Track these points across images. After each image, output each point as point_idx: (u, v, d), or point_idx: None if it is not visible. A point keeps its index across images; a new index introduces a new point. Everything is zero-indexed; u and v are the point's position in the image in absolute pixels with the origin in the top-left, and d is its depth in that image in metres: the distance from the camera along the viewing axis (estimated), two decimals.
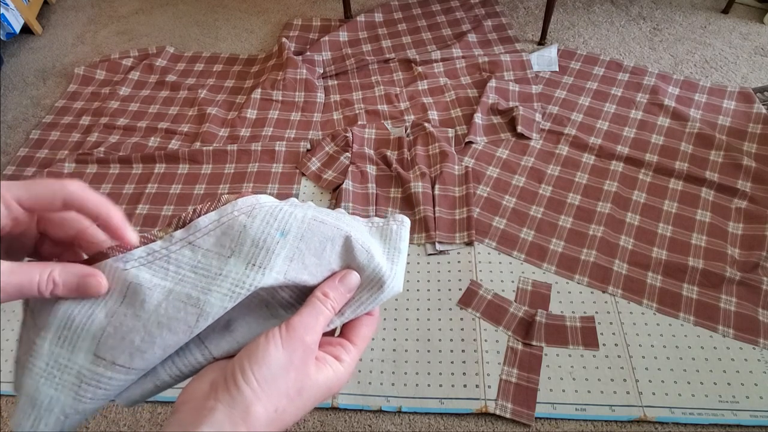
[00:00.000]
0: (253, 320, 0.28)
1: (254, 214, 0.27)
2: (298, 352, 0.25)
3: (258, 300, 0.28)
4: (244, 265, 0.26)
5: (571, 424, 0.80)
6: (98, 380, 0.25)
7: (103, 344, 0.25)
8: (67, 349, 0.25)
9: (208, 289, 0.25)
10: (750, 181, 1.08)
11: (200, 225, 0.27)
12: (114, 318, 0.25)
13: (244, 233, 0.27)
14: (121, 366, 0.25)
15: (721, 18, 1.54)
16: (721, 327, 0.89)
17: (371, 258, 0.29)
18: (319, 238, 0.28)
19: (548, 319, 0.91)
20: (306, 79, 1.39)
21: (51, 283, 0.24)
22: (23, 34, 1.70)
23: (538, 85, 1.34)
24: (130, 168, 1.23)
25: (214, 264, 0.26)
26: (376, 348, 0.89)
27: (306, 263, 0.28)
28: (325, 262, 0.29)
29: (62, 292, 0.24)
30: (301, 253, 0.28)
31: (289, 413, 0.25)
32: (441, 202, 1.08)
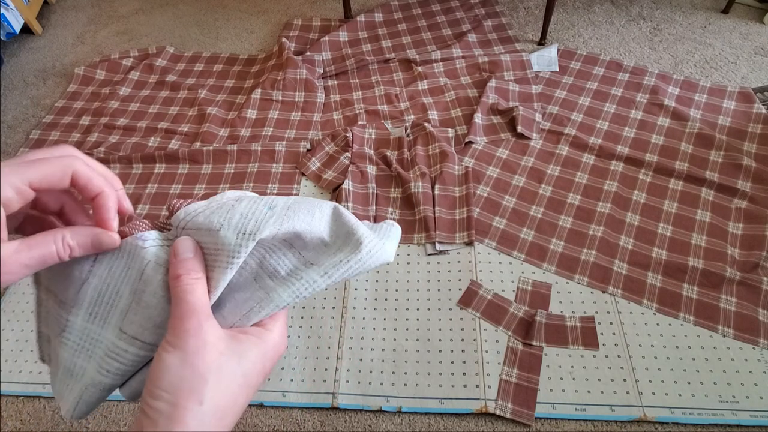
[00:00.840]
0: (240, 294, 0.28)
1: (241, 198, 0.29)
2: (190, 340, 0.24)
3: (248, 274, 0.28)
4: (235, 235, 0.26)
5: (571, 424, 0.80)
6: (118, 353, 0.26)
7: (128, 320, 0.26)
8: (98, 325, 0.27)
9: (212, 266, 0.27)
10: (750, 181, 1.08)
11: (190, 209, 0.28)
12: (136, 294, 0.26)
13: (232, 210, 0.27)
14: (141, 341, 0.26)
15: (721, 18, 1.54)
16: (721, 327, 0.89)
17: (358, 224, 0.29)
18: (307, 206, 0.29)
19: (548, 319, 0.91)
20: (306, 79, 1.39)
21: (67, 247, 0.25)
22: (23, 34, 1.70)
23: (538, 85, 1.34)
24: (130, 168, 1.23)
25: (208, 240, 0.27)
26: (376, 348, 0.89)
27: (298, 221, 0.28)
28: (317, 223, 0.29)
29: (79, 252, 0.26)
30: (290, 218, 0.28)
31: (223, 396, 0.24)
32: (441, 202, 1.08)
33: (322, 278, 0.28)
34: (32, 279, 0.28)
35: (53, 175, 0.25)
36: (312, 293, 0.28)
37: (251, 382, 0.26)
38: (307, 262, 0.29)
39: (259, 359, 0.26)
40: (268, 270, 0.28)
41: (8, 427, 0.84)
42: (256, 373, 0.26)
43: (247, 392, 0.26)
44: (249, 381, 0.26)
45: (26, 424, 0.85)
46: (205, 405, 0.23)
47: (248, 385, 0.26)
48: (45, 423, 0.85)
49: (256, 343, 0.26)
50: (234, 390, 0.25)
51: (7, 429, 0.84)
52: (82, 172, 0.25)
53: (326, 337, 0.91)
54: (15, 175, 0.23)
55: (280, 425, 0.83)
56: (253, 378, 0.26)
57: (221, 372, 0.24)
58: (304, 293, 0.28)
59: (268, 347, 0.27)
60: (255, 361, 0.26)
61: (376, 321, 0.93)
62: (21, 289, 1.01)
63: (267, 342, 0.27)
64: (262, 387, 0.84)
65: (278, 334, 0.28)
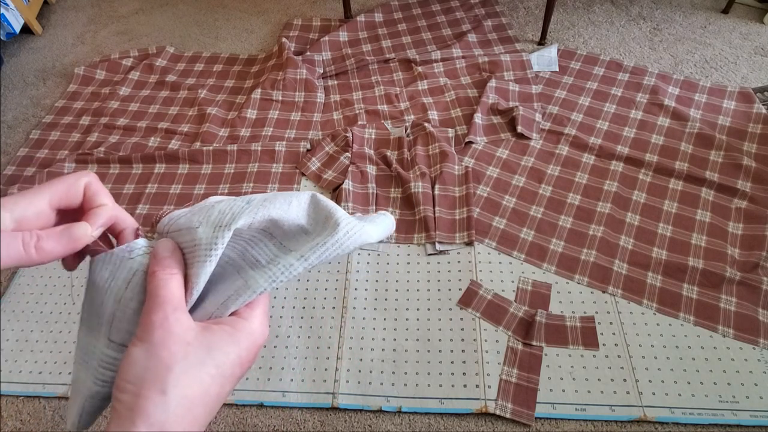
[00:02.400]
0: (221, 286, 0.28)
1: (222, 200, 0.29)
2: (156, 332, 0.24)
3: (231, 267, 0.29)
4: (212, 229, 0.27)
5: (571, 424, 0.80)
6: (108, 362, 0.26)
7: (114, 328, 0.26)
8: (94, 337, 0.27)
9: (192, 263, 0.27)
10: (750, 181, 1.08)
11: (173, 215, 0.29)
12: (121, 303, 0.27)
13: (211, 209, 0.28)
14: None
15: (721, 18, 1.54)
16: (721, 327, 0.89)
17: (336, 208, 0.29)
18: (284, 196, 0.29)
19: (548, 319, 0.91)
20: (306, 79, 1.39)
21: (35, 237, 0.25)
22: (23, 34, 1.70)
23: (538, 85, 1.34)
24: (130, 168, 1.23)
25: (187, 239, 0.27)
26: (376, 348, 0.89)
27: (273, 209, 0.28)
28: (294, 210, 0.29)
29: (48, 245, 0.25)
30: (266, 207, 0.28)
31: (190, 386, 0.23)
32: (441, 202, 1.08)
33: (299, 261, 0.27)
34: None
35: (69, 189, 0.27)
36: (289, 278, 0.27)
37: (225, 372, 0.25)
38: (286, 249, 0.29)
39: (233, 348, 0.25)
40: (249, 261, 0.29)
41: (8, 427, 0.84)
42: (231, 363, 0.25)
43: (221, 382, 0.25)
44: (222, 371, 0.25)
45: (26, 424, 0.85)
46: (169, 395, 0.22)
47: (222, 375, 0.25)
48: (45, 423, 0.85)
49: (229, 332, 0.26)
50: (204, 380, 0.24)
51: (7, 429, 0.84)
52: (95, 184, 0.28)
53: (326, 337, 0.91)
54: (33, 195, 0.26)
55: (280, 425, 0.83)
56: (227, 368, 0.25)
57: (188, 361, 0.24)
58: (280, 277, 0.27)
59: (242, 336, 0.26)
60: (228, 351, 0.25)
61: (376, 321, 0.93)
62: (21, 289, 1.01)
63: (241, 331, 0.26)
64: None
65: (257, 323, 0.27)
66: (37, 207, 0.25)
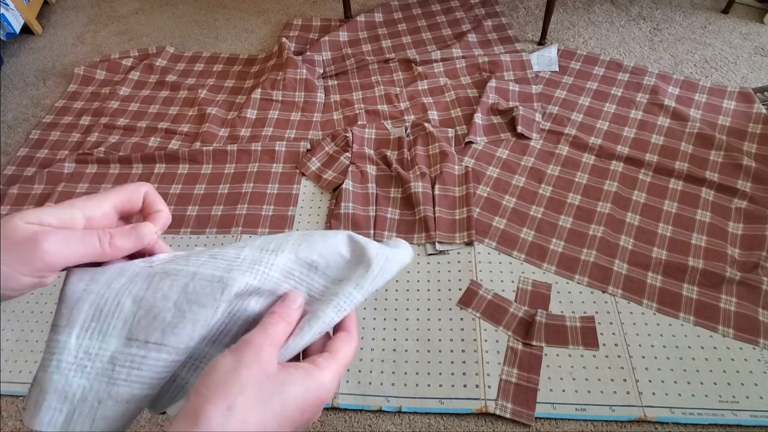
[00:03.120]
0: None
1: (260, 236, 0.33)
2: (248, 352, 0.25)
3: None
4: (259, 251, 0.30)
5: (571, 424, 0.80)
6: (132, 360, 0.26)
7: (136, 326, 0.27)
8: (97, 339, 0.27)
9: (230, 268, 0.28)
10: (750, 181, 1.08)
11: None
12: (143, 302, 0.27)
13: (253, 239, 0.31)
14: (154, 343, 0.27)
15: (721, 18, 1.54)
16: (721, 327, 0.89)
17: (369, 241, 0.33)
18: (320, 234, 0.32)
19: (548, 319, 0.91)
20: (306, 79, 1.39)
21: (108, 234, 0.27)
22: (23, 34, 1.70)
23: (538, 85, 1.34)
24: (130, 168, 1.23)
25: (231, 252, 0.30)
26: (376, 348, 0.89)
27: (314, 245, 0.31)
28: (332, 243, 0.32)
29: (118, 240, 0.27)
30: (308, 241, 0.31)
31: (253, 414, 0.24)
32: (441, 202, 1.08)
33: (356, 290, 0.30)
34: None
35: (131, 194, 0.30)
36: (352, 306, 0.30)
37: (287, 413, 0.25)
38: (335, 279, 0.31)
39: (301, 394, 0.26)
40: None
41: (8, 427, 0.84)
42: (294, 406, 0.25)
43: (280, 423, 0.25)
44: (285, 412, 0.25)
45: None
46: (233, 413, 0.23)
47: (283, 415, 0.25)
48: None
49: (303, 377, 0.26)
50: (266, 414, 0.24)
51: (7, 429, 0.84)
52: (152, 193, 0.30)
53: None
54: (100, 198, 0.28)
55: None
56: (289, 410, 0.25)
57: (260, 390, 0.24)
58: (345, 307, 0.30)
59: (313, 384, 0.26)
60: (296, 394, 0.25)
61: (376, 321, 0.93)
62: None
63: (314, 379, 0.26)
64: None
65: (329, 377, 0.27)
66: (103, 209, 0.28)
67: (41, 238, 0.24)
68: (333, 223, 1.06)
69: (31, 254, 0.24)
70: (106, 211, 0.28)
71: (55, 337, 0.27)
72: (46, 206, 0.27)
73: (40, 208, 0.26)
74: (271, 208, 1.12)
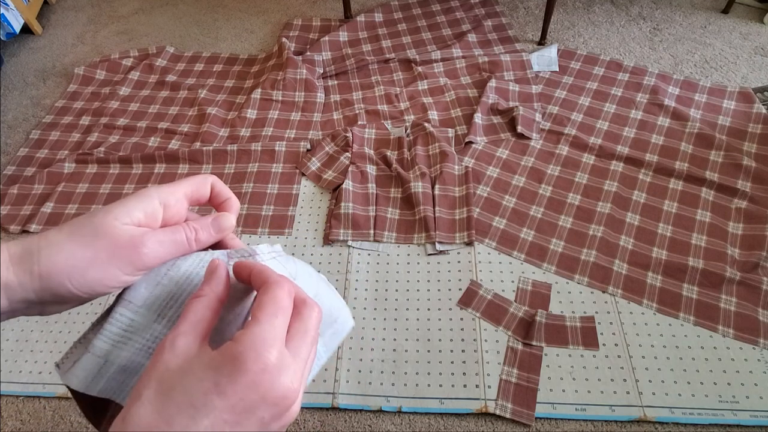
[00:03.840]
0: None
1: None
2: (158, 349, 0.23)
3: None
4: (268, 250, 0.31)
5: (571, 424, 0.80)
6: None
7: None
8: (165, 326, 0.27)
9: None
10: (750, 181, 1.08)
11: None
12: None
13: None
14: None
15: (721, 18, 1.54)
16: (721, 327, 0.89)
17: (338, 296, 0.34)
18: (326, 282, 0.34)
19: (548, 319, 0.91)
20: (306, 79, 1.39)
21: (192, 229, 0.29)
22: (23, 34, 1.70)
23: (538, 85, 1.34)
24: (130, 168, 1.23)
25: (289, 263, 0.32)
26: (376, 348, 0.89)
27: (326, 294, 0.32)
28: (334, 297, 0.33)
29: (203, 234, 0.29)
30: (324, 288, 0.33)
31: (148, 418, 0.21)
32: (441, 202, 1.08)
33: (324, 352, 0.31)
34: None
35: (200, 184, 0.31)
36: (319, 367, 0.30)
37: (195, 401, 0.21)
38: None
39: (209, 375, 0.22)
40: None
41: (8, 427, 0.84)
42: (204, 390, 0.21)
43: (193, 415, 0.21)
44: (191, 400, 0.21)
45: (26, 424, 0.85)
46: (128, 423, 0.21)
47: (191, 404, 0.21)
48: (45, 423, 0.85)
49: (213, 356, 0.22)
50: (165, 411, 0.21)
51: (7, 429, 0.84)
52: (217, 182, 0.32)
53: None
54: (173, 187, 0.30)
55: None
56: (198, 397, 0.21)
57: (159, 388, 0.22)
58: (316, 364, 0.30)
59: (223, 360, 0.22)
60: (201, 377, 0.22)
61: (376, 321, 0.93)
62: None
63: (223, 353, 0.22)
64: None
65: (244, 346, 0.22)
66: (176, 196, 0.29)
67: (140, 241, 0.26)
68: (333, 222, 1.06)
69: (133, 256, 0.26)
70: (178, 198, 0.30)
71: (125, 313, 0.27)
72: (125, 198, 0.28)
73: (125, 201, 0.27)
74: (271, 208, 1.12)
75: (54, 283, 0.24)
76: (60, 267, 0.24)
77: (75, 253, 0.25)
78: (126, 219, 0.26)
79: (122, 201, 0.27)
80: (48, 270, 0.24)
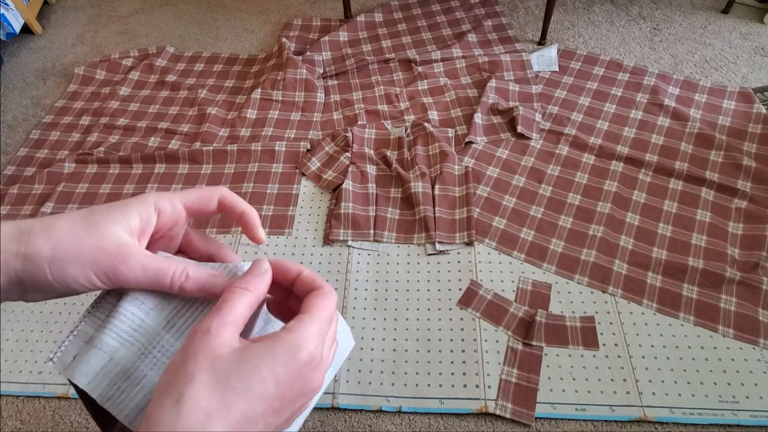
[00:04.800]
0: None
1: None
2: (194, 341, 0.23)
3: None
4: None
5: (571, 424, 0.80)
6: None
7: None
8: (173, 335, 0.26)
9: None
10: (750, 181, 1.08)
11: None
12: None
13: None
14: None
15: (721, 18, 1.54)
16: (721, 327, 0.89)
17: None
18: None
19: (548, 319, 0.91)
20: (306, 79, 1.39)
21: (185, 274, 0.26)
22: (23, 34, 1.70)
23: (538, 85, 1.34)
24: (130, 168, 1.23)
25: None
26: (376, 348, 0.89)
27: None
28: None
29: (191, 284, 0.26)
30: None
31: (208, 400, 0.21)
32: (441, 202, 1.08)
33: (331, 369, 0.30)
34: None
35: (204, 196, 0.30)
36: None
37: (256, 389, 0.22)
38: None
39: (268, 364, 0.22)
40: None
41: (8, 427, 0.84)
42: (263, 379, 0.22)
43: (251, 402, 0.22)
44: (252, 388, 0.22)
45: (26, 424, 0.85)
46: (184, 404, 0.21)
47: (251, 392, 0.22)
48: (45, 423, 0.85)
49: (267, 345, 0.23)
50: (225, 395, 0.22)
51: (7, 429, 0.84)
52: (228, 195, 0.30)
53: None
54: (173, 194, 0.29)
55: None
56: (257, 385, 0.22)
57: (213, 374, 0.22)
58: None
59: (280, 349, 0.23)
60: (260, 365, 0.22)
61: (376, 321, 0.93)
62: None
63: (284, 343, 0.23)
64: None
65: (306, 335, 0.23)
66: (173, 204, 0.29)
67: (124, 257, 0.25)
68: (333, 222, 1.06)
69: (111, 268, 0.25)
70: (176, 206, 0.29)
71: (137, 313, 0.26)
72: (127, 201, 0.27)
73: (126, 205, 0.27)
74: (271, 208, 1.12)
75: (35, 266, 0.24)
76: (44, 253, 0.24)
77: (62, 244, 0.25)
78: (123, 223, 0.26)
79: (124, 204, 0.27)
80: (32, 253, 0.24)
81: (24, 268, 0.24)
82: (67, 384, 0.88)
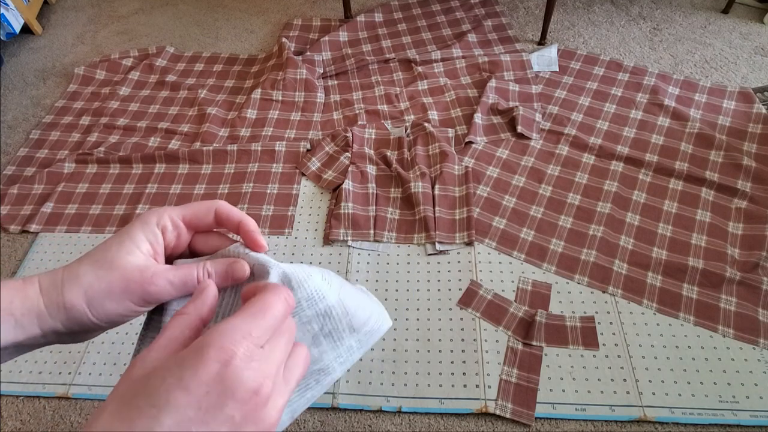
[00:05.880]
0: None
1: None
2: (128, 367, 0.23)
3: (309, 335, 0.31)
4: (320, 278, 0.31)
5: (571, 424, 0.80)
6: None
7: None
8: None
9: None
10: (750, 181, 1.08)
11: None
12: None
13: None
14: None
15: (721, 18, 1.54)
16: (721, 327, 0.89)
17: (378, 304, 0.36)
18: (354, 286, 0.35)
19: (548, 319, 0.91)
20: (306, 79, 1.39)
21: (206, 272, 0.29)
22: (23, 34, 1.70)
23: (538, 85, 1.34)
24: (130, 168, 1.23)
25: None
26: (376, 348, 0.89)
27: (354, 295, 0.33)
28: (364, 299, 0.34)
29: (216, 278, 0.29)
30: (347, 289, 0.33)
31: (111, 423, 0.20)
32: (441, 202, 1.08)
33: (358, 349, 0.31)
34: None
35: (200, 210, 0.31)
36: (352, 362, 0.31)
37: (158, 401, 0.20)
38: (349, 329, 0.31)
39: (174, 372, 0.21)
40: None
41: (8, 427, 0.84)
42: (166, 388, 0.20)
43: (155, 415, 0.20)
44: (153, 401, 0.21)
45: (26, 424, 0.85)
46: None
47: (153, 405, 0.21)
48: (45, 423, 0.85)
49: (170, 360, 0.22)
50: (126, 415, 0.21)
51: (7, 429, 0.84)
52: (223, 207, 0.31)
53: None
54: (171, 210, 0.30)
55: None
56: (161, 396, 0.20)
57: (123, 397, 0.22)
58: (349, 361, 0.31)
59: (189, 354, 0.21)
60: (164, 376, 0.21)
61: None
62: None
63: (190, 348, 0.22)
64: None
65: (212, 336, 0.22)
66: (173, 221, 0.30)
67: (149, 278, 0.27)
68: (333, 222, 1.06)
69: (142, 291, 0.27)
70: (176, 221, 0.31)
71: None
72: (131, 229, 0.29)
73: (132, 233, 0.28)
74: (271, 208, 1.12)
75: (77, 313, 0.26)
76: (80, 299, 0.26)
77: (93, 286, 0.27)
78: (136, 252, 0.28)
79: (129, 234, 0.29)
80: (71, 302, 0.26)
81: (68, 316, 0.26)
82: (66, 384, 0.88)
